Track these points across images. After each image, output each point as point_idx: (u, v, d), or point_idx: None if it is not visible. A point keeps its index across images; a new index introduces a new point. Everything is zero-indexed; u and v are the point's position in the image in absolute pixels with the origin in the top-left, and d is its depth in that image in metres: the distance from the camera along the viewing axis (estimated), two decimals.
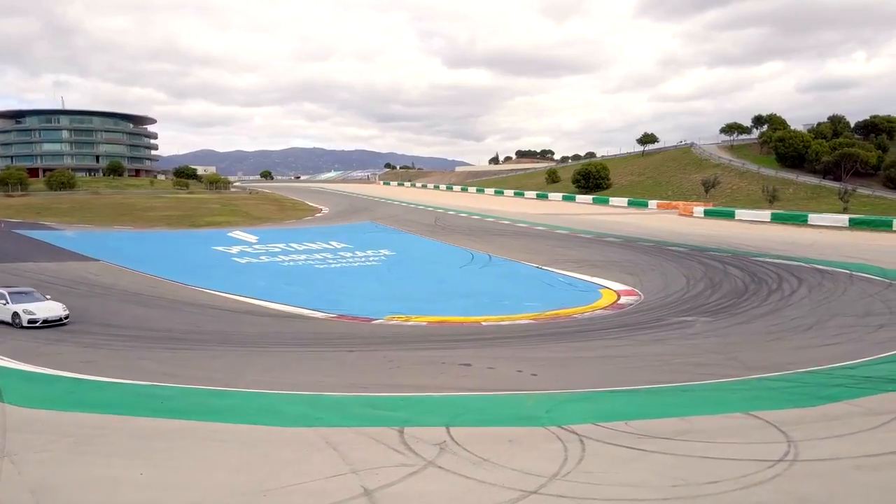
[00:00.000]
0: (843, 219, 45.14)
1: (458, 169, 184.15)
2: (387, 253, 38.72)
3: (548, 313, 22.77)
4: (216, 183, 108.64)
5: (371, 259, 36.46)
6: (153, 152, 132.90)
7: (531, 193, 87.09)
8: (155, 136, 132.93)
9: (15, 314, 18.38)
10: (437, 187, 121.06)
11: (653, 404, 11.13)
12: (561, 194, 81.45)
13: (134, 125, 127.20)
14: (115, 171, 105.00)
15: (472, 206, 74.44)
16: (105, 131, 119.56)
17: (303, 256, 36.75)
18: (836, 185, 68.13)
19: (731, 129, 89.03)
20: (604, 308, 23.46)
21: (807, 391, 11.58)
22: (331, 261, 35.54)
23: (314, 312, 22.81)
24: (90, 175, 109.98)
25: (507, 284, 29.25)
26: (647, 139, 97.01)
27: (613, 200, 70.35)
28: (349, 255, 37.67)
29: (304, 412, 10.77)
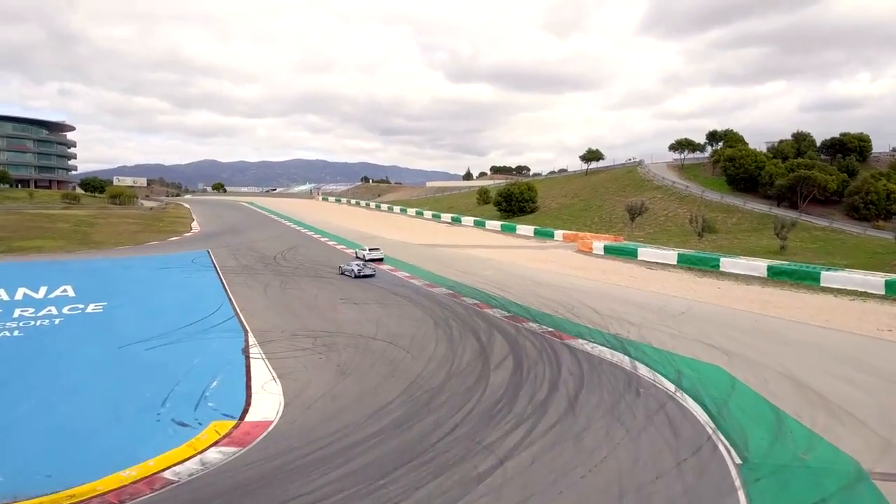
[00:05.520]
0: (761, 267, 33.43)
1: (428, 184, 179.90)
2: (92, 309, 27.40)
3: None
4: (119, 197, 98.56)
5: (34, 323, 25.07)
6: (70, 161, 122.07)
7: (447, 216, 75.58)
8: (73, 145, 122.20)
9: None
10: (368, 205, 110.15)
11: None
12: (474, 219, 69.86)
13: (49, 132, 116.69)
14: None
15: (364, 230, 63.42)
16: (9, 137, 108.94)
17: None
18: (788, 213, 56.72)
19: (680, 145, 77.50)
20: (109, 491, 11.83)
21: None
22: None
23: None
24: None
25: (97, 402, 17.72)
26: (592, 156, 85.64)
27: (521, 229, 58.47)
28: (30, 311, 26.37)
29: None
